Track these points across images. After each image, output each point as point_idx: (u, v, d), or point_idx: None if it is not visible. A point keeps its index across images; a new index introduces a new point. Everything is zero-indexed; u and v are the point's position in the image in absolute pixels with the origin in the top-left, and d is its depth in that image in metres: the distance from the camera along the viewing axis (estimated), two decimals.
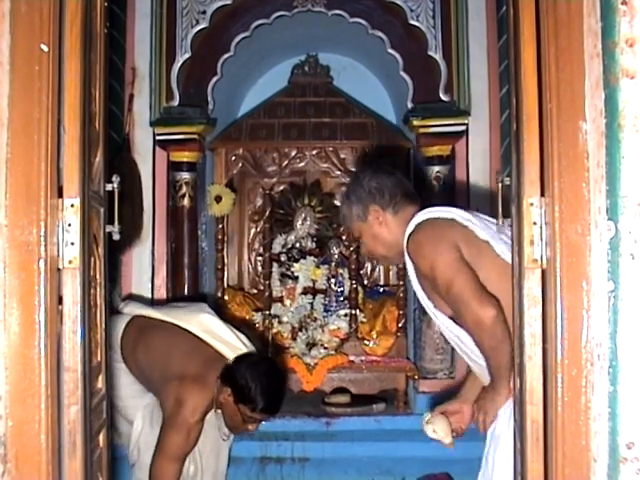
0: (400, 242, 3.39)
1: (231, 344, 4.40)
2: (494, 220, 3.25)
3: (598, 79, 2.12)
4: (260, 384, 4.08)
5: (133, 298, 5.26)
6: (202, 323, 4.48)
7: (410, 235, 3.33)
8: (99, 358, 2.64)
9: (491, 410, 3.28)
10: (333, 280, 5.91)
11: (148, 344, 4.36)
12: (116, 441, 4.45)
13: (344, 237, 6.08)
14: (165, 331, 4.44)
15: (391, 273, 6.42)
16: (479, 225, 3.28)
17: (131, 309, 4.55)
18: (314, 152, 5.70)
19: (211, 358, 4.31)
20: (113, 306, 4.81)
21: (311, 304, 5.84)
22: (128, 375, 4.36)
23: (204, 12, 5.53)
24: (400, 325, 5.67)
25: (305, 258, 5.92)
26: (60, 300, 2.27)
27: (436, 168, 5.50)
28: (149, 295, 5.64)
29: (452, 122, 5.51)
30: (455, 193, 5.55)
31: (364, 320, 5.75)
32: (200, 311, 4.59)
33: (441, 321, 3.35)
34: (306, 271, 5.87)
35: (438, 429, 3.41)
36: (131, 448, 4.40)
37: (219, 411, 4.22)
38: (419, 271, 3.33)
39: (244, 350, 4.36)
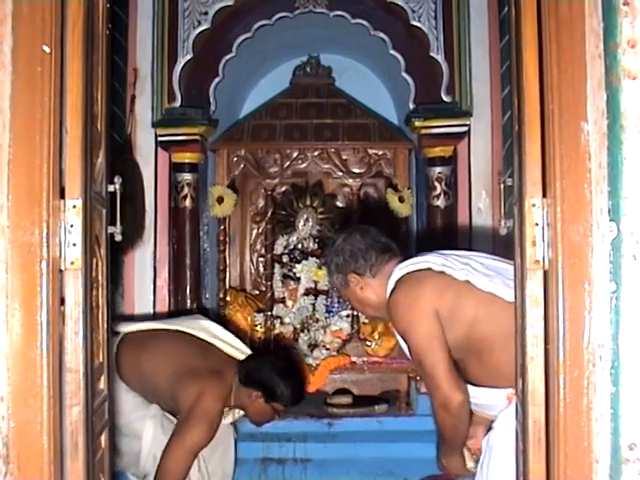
0: (385, 301, 3.45)
1: (235, 346, 4.58)
2: (479, 254, 3.48)
3: (600, 80, 2.12)
4: (288, 382, 4.37)
5: (119, 318, 5.25)
6: (205, 328, 4.61)
7: (391, 293, 3.40)
8: (101, 359, 2.65)
9: (453, 473, 3.62)
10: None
11: (153, 351, 4.40)
12: (117, 466, 4.34)
13: None
14: (169, 337, 4.51)
15: None
16: (455, 267, 3.32)
17: (120, 328, 4.55)
18: (316, 153, 5.69)
19: (222, 357, 4.50)
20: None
21: (313, 305, 5.84)
22: (128, 391, 4.37)
23: (206, 13, 5.53)
24: None
25: (307, 259, 5.91)
26: (62, 301, 2.28)
27: (438, 169, 5.51)
28: (151, 296, 5.64)
29: (454, 123, 5.52)
30: (457, 194, 5.55)
31: (366, 321, 5.75)
32: (199, 318, 4.76)
33: None
34: (308, 272, 5.87)
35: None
36: (143, 461, 4.36)
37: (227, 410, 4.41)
38: (396, 330, 3.41)
39: (247, 352, 4.56)
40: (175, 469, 4.08)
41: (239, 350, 4.59)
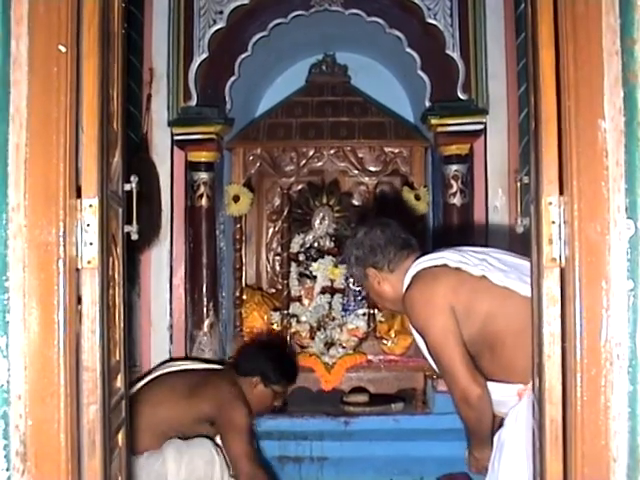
0: (402, 296, 3.50)
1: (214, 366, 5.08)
2: (496, 250, 3.56)
3: (617, 77, 2.12)
4: (282, 363, 4.85)
5: None
6: (181, 364, 5.06)
7: (407, 289, 3.45)
8: (118, 357, 2.65)
9: (482, 468, 3.55)
10: (351, 279, 5.90)
11: (152, 401, 4.50)
12: None
13: None
14: (157, 383, 4.73)
15: None
16: (471, 263, 3.37)
17: None
18: (332, 151, 5.68)
19: (211, 370, 4.87)
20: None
21: (329, 303, 5.83)
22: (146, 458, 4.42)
23: (221, 12, 5.53)
24: None
25: (323, 257, 5.91)
26: (79, 300, 2.28)
27: (454, 167, 5.50)
28: (167, 295, 5.66)
29: (470, 121, 5.50)
30: (473, 192, 5.54)
31: (382, 319, 5.74)
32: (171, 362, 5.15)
33: None
34: (324, 270, 5.87)
35: None
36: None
37: None
38: (413, 326, 3.47)
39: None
40: (242, 449, 4.38)
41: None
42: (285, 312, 5.74)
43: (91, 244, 2.28)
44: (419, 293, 3.39)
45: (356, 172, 5.72)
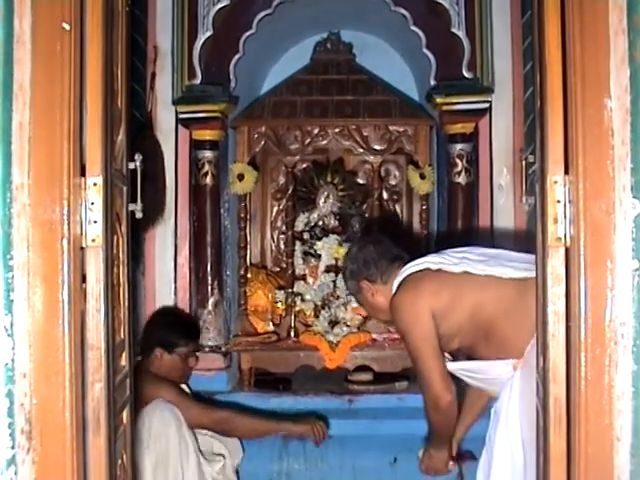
0: None
1: None
2: (477, 247, 3.78)
3: (623, 55, 2.11)
4: (174, 326, 4.84)
5: None
6: None
7: (392, 295, 3.73)
8: (122, 336, 2.66)
9: (431, 469, 4.01)
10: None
11: None
12: None
13: (367, 215, 6.09)
14: None
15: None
16: (451, 262, 3.61)
17: None
18: (337, 130, 5.66)
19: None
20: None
21: (334, 282, 5.84)
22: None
23: None
24: None
25: (328, 236, 5.91)
26: (83, 278, 2.29)
27: (459, 146, 5.48)
28: (172, 273, 5.66)
29: (475, 99, 5.48)
30: (478, 171, 5.53)
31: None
32: None
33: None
34: (329, 249, 5.87)
35: None
36: None
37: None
38: (396, 330, 3.78)
39: None
40: (191, 408, 4.41)
41: None
42: (289, 291, 5.74)
43: (95, 222, 2.28)
44: (402, 300, 3.63)
45: (361, 150, 5.71)
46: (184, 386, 4.74)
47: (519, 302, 3.37)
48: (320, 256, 5.87)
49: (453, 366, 3.63)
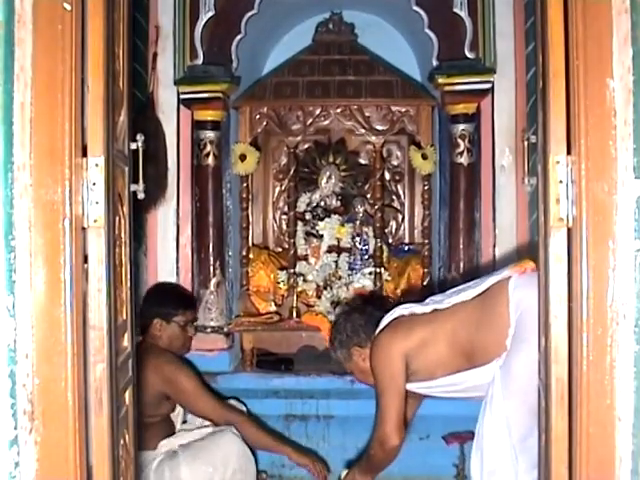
0: None
1: None
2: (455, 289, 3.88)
3: (626, 35, 2.10)
4: (170, 296, 4.94)
5: None
6: None
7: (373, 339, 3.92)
8: (124, 316, 2.66)
9: None
10: (358, 238, 5.91)
11: None
12: None
13: (369, 195, 6.10)
14: None
15: (416, 232, 6.44)
16: (422, 306, 3.85)
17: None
18: (339, 110, 5.66)
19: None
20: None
21: (336, 262, 5.85)
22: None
23: None
24: (425, 283, 5.67)
25: (330, 216, 5.92)
26: (85, 259, 2.29)
27: (461, 126, 5.47)
28: (174, 254, 5.67)
29: (477, 80, 5.47)
30: (480, 151, 5.53)
31: (389, 278, 5.76)
32: None
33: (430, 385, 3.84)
34: (331, 229, 5.88)
35: None
36: None
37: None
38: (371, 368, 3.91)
39: None
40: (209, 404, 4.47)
41: None
42: (291, 271, 5.75)
43: (97, 203, 2.28)
44: (377, 344, 3.83)
45: (363, 131, 5.71)
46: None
47: (483, 312, 3.59)
48: (322, 236, 5.88)
49: (442, 382, 3.75)
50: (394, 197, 6.52)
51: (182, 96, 5.58)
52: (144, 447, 4.27)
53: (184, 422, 4.78)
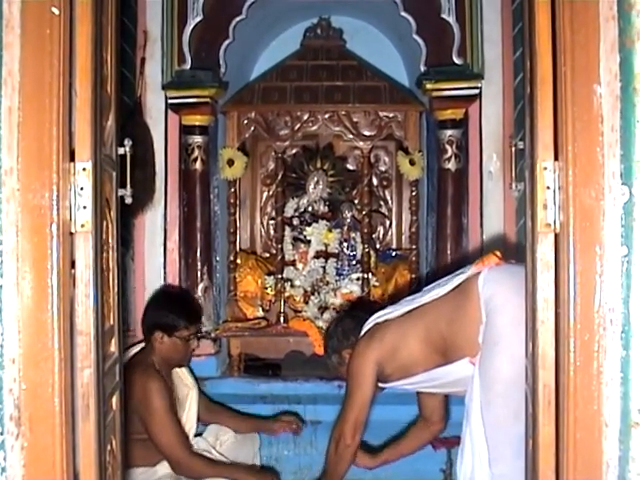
0: None
1: None
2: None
3: (613, 42, 2.11)
4: (175, 307, 4.57)
5: None
6: None
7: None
8: (112, 322, 2.66)
9: None
10: (345, 244, 5.91)
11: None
12: None
13: (356, 201, 6.10)
14: None
15: (403, 237, 6.44)
16: (395, 310, 3.89)
17: None
18: (327, 115, 5.66)
19: (133, 358, 4.51)
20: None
21: (323, 268, 5.85)
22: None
23: None
24: (412, 289, 5.68)
25: (317, 222, 5.92)
26: (72, 264, 2.28)
27: (449, 132, 5.48)
28: (161, 259, 5.65)
29: (465, 85, 5.48)
30: (468, 157, 5.54)
31: (376, 284, 5.77)
32: None
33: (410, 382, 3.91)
34: (318, 235, 5.88)
35: None
36: None
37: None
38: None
39: None
40: (167, 436, 4.22)
41: None
42: (279, 276, 5.75)
43: (85, 208, 2.27)
44: (355, 353, 3.92)
45: (350, 136, 5.71)
46: (184, 370, 4.70)
47: (454, 309, 3.60)
48: (310, 242, 5.88)
49: (420, 378, 3.78)
50: (382, 203, 6.52)
51: (170, 101, 5.58)
52: (142, 463, 4.26)
53: (198, 435, 4.73)
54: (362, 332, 3.95)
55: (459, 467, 3.58)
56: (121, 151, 2.73)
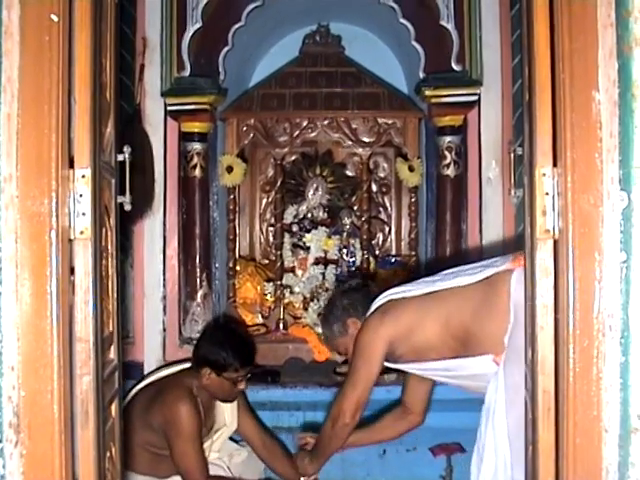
0: None
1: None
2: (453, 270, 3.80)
3: (611, 49, 2.12)
4: (229, 347, 4.33)
5: None
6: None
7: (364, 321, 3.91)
8: (111, 329, 2.66)
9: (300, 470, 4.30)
10: (345, 250, 5.91)
11: (130, 420, 4.27)
12: None
13: (356, 207, 6.10)
14: (135, 400, 4.46)
15: (403, 243, 6.42)
16: (413, 288, 3.81)
17: None
18: (325, 122, 5.67)
19: (176, 376, 4.52)
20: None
21: (323, 274, 5.85)
22: None
23: None
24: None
25: (317, 228, 5.92)
26: (72, 271, 2.28)
27: (448, 138, 5.49)
28: (160, 266, 5.65)
29: (464, 92, 5.48)
30: (467, 163, 5.54)
31: (376, 290, 5.77)
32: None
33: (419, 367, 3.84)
34: (318, 241, 5.88)
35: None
36: None
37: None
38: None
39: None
40: (188, 460, 4.19)
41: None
42: (278, 283, 5.75)
43: (84, 215, 2.27)
44: (364, 327, 3.84)
45: (350, 143, 5.72)
46: (229, 406, 4.62)
47: (482, 301, 3.51)
48: (309, 248, 5.89)
49: (436, 365, 3.69)
50: (381, 209, 6.51)
51: (169, 108, 5.58)
52: (149, 472, 4.29)
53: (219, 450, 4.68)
54: (374, 306, 3.86)
55: (475, 471, 3.53)
56: (120, 158, 2.73)
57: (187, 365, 4.53)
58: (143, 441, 4.25)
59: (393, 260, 6.28)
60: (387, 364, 3.86)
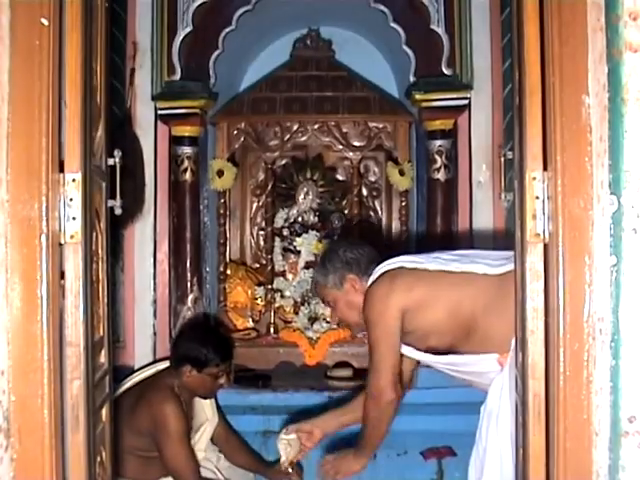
0: None
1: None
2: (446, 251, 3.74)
3: (601, 53, 2.12)
4: (208, 343, 4.44)
5: None
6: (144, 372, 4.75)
7: (368, 287, 3.67)
8: (101, 333, 2.65)
9: (343, 473, 3.91)
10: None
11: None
12: None
13: (346, 211, 6.10)
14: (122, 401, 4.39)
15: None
16: (426, 261, 3.61)
17: None
18: (316, 126, 5.67)
19: (156, 377, 4.58)
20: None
21: (313, 278, 5.85)
22: None
23: None
24: None
25: (307, 232, 5.92)
26: (62, 275, 2.28)
27: (438, 142, 5.49)
28: (151, 270, 5.63)
29: (454, 96, 5.49)
30: (457, 167, 5.54)
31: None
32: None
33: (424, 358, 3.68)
34: (308, 245, 5.88)
35: (291, 448, 3.97)
36: None
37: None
38: (364, 319, 3.68)
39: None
40: (179, 461, 4.22)
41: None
42: (269, 287, 5.75)
43: (74, 219, 2.27)
44: (374, 293, 3.60)
45: (340, 147, 5.72)
46: (209, 401, 4.68)
47: (498, 297, 3.39)
48: (300, 252, 5.88)
49: (438, 359, 3.60)
50: (372, 213, 6.51)
51: (160, 112, 5.57)
52: (140, 477, 4.28)
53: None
54: (381, 270, 3.67)
55: (471, 473, 3.49)
56: (111, 162, 2.73)
57: (162, 366, 4.56)
58: (130, 446, 4.24)
59: None
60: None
